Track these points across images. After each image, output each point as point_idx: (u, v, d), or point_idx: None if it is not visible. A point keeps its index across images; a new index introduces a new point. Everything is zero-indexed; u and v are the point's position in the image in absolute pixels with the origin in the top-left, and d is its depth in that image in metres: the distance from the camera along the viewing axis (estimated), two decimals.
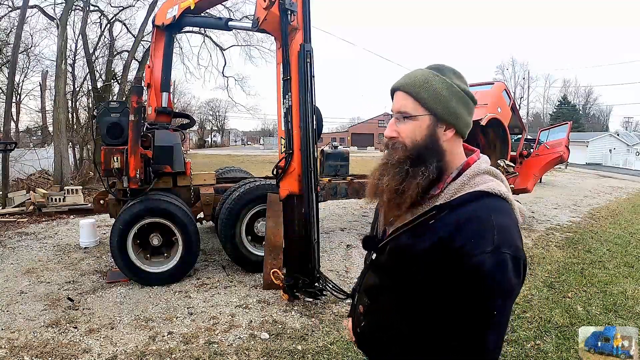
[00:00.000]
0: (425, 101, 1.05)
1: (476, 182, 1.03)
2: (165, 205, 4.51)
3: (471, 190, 1.01)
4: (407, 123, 1.07)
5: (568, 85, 59.27)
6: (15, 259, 5.39)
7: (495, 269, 0.93)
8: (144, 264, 4.49)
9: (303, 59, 3.77)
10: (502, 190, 1.02)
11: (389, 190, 1.05)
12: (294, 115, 3.82)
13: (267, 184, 4.98)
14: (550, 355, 3.14)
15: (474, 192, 1.01)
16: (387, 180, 1.06)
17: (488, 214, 0.97)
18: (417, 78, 1.08)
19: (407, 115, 1.06)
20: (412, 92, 1.06)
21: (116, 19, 15.74)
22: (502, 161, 7.41)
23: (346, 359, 3.08)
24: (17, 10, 12.71)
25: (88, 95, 15.88)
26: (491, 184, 1.03)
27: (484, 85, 8.86)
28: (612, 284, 4.65)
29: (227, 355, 3.09)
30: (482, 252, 0.93)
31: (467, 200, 1.00)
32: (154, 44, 5.48)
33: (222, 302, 4.07)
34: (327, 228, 7.30)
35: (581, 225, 8.10)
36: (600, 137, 37.30)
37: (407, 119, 1.07)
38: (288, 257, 4.08)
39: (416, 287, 1.04)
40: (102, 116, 4.78)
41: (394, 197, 1.04)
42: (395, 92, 1.10)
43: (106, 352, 3.12)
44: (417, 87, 1.06)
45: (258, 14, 3.95)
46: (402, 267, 1.07)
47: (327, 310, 3.86)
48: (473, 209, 0.99)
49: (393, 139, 1.09)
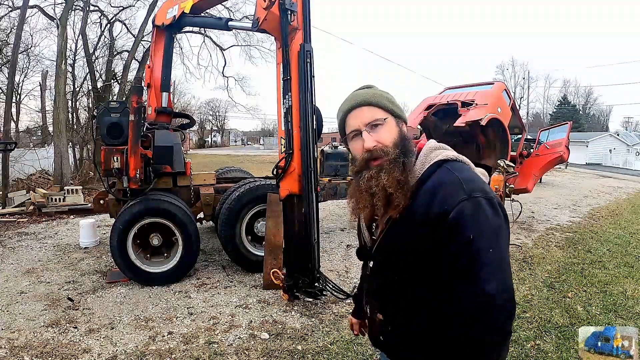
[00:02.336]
0: (386, 107, 1.22)
1: (432, 157, 1.19)
2: (165, 205, 4.51)
3: (431, 163, 1.17)
4: (379, 130, 1.19)
5: (568, 85, 59.41)
6: (15, 259, 5.39)
7: (474, 211, 1.06)
8: (144, 264, 4.49)
9: (303, 59, 3.77)
10: (455, 155, 1.20)
11: (393, 182, 1.13)
12: (294, 115, 3.82)
13: (267, 184, 4.98)
14: (550, 355, 3.14)
15: (434, 163, 1.17)
16: (386, 176, 1.14)
17: (452, 173, 1.13)
18: (369, 94, 1.24)
19: (378, 123, 1.19)
20: (375, 103, 1.21)
21: (116, 19, 15.78)
22: (502, 161, 7.40)
23: (346, 359, 3.08)
24: (17, 10, 12.72)
25: (88, 95, 15.91)
26: (445, 152, 1.20)
27: (484, 85, 8.86)
28: (612, 284, 4.65)
29: (227, 355, 3.09)
30: (458, 202, 1.06)
31: (432, 171, 1.16)
32: (154, 44, 5.48)
33: (222, 302, 4.07)
34: (327, 228, 7.30)
35: (581, 225, 8.10)
36: (600, 137, 37.32)
37: (378, 126, 1.20)
38: (288, 257, 4.08)
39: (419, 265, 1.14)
40: (102, 116, 4.77)
41: (398, 187, 1.13)
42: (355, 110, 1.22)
43: (106, 352, 3.12)
44: (376, 99, 1.22)
45: (258, 14, 3.95)
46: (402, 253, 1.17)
47: (327, 310, 3.86)
48: (438, 176, 1.14)
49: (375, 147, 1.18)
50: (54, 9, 13.68)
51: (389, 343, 1.29)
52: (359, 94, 1.25)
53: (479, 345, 1.07)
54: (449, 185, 1.10)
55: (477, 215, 1.06)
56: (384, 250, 1.23)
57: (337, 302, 4.03)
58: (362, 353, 3.12)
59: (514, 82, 52.38)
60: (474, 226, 1.05)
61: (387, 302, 1.26)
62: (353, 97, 1.26)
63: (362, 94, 1.25)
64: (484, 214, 1.07)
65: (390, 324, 1.25)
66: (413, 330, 1.20)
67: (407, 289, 1.19)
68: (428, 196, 1.11)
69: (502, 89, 8.63)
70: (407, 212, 1.14)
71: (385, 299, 1.27)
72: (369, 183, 1.17)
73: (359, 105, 1.22)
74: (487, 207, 1.08)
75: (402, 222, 1.15)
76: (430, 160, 1.18)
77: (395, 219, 1.16)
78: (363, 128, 1.19)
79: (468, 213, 1.06)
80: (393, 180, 1.13)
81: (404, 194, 1.13)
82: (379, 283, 1.28)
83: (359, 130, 1.21)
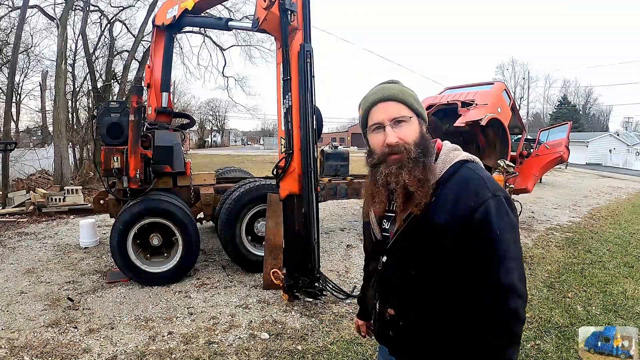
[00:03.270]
0: (413, 106, 1.23)
1: (452, 157, 1.23)
2: (165, 205, 4.51)
3: (453, 163, 1.21)
4: (403, 127, 1.21)
5: (568, 85, 59.35)
6: (15, 259, 5.39)
7: (498, 209, 1.14)
8: (144, 264, 4.49)
9: (303, 59, 3.77)
10: (472, 156, 1.26)
11: (414, 181, 1.16)
12: (294, 115, 3.82)
13: (267, 184, 4.98)
14: (550, 355, 3.14)
15: (456, 163, 1.21)
16: (407, 174, 1.16)
17: (475, 173, 1.19)
18: (397, 90, 1.24)
19: (403, 120, 1.21)
20: (402, 100, 1.22)
21: (116, 19, 15.75)
22: (502, 161, 7.40)
23: (346, 359, 3.08)
24: (17, 10, 12.71)
25: (88, 95, 15.88)
26: (463, 154, 1.25)
27: (484, 85, 8.86)
28: (612, 284, 4.65)
29: (227, 355, 3.09)
30: (485, 200, 1.13)
31: (454, 171, 1.20)
32: (154, 44, 5.47)
33: (222, 302, 4.07)
34: (327, 228, 7.30)
35: (581, 225, 8.10)
36: (600, 137, 37.31)
37: (402, 123, 1.21)
38: (288, 257, 4.07)
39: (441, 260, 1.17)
40: (102, 116, 4.77)
41: (419, 186, 1.16)
42: (382, 103, 1.23)
43: (106, 352, 3.12)
44: (404, 96, 1.23)
45: (258, 14, 3.95)
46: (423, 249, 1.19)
47: (327, 310, 3.86)
48: (462, 175, 1.19)
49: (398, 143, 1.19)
50: (54, 9, 13.68)
51: (399, 339, 1.29)
52: (388, 87, 1.25)
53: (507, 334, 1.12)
54: (474, 183, 1.16)
55: (501, 212, 1.14)
56: (403, 246, 1.24)
57: (337, 302, 4.03)
58: (362, 353, 3.12)
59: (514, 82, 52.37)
60: (500, 222, 1.13)
61: (402, 298, 1.27)
62: (381, 89, 1.25)
63: (391, 88, 1.25)
64: (506, 211, 1.15)
65: (403, 320, 1.26)
66: (426, 327, 1.22)
67: (423, 285, 1.21)
68: (454, 193, 1.16)
69: (502, 89, 8.63)
70: (428, 209, 1.16)
71: (401, 294, 1.27)
72: (387, 179, 1.20)
73: (386, 100, 1.22)
74: (507, 206, 1.16)
75: (424, 218, 1.17)
76: (451, 160, 1.22)
77: (413, 217, 1.18)
78: (387, 123, 1.20)
79: (494, 210, 1.13)
80: (414, 179, 1.16)
81: (425, 192, 1.15)
82: (394, 278, 1.28)
83: (382, 124, 1.21)
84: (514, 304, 1.11)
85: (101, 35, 15.66)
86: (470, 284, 1.15)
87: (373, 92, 1.26)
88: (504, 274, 1.11)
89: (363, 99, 1.29)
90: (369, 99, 1.25)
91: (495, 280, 1.11)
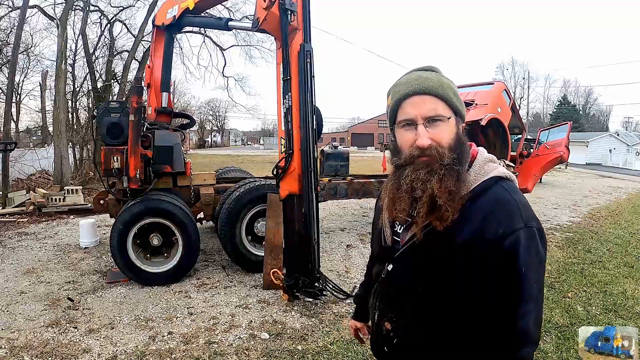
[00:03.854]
0: (452, 102, 1.06)
1: (487, 170, 1.08)
2: (165, 205, 4.51)
3: (487, 177, 1.06)
4: (439, 127, 1.04)
5: (568, 85, 59.42)
6: (15, 259, 5.39)
7: (529, 242, 0.99)
8: (144, 264, 4.49)
9: (303, 59, 3.77)
10: (508, 173, 1.09)
11: (444, 192, 1.00)
12: (294, 115, 3.82)
13: (267, 184, 4.98)
14: (550, 355, 3.14)
15: (491, 179, 1.06)
16: (438, 183, 1.01)
17: (509, 195, 1.03)
18: (436, 82, 1.06)
19: (440, 119, 1.04)
20: (440, 95, 1.05)
21: (116, 19, 15.74)
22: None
23: (346, 359, 3.08)
24: (17, 10, 12.71)
25: (88, 95, 15.87)
26: (500, 169, 1.09)
27: (484, 85, 8.87)
28: (612, 284, 4.64)
29: (227, 355, 3.09)
30: (515, 229, 0.99)
31: (487, 187, 1.04)
32: (154, 44, 5.48)
33: (222, 302, 4.07)
34: (327, 228, 7.30)
35: (581, 225, 8.09)
36: (600, 137, 37.31)
37: (438, 122, 1.04)
38: (288, 257, 4.08)
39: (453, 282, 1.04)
40: (102, 116, 4.77)
41: (449, 199, 1.01)
42: (416, 96, 1.05)
43: (106, 352, 3.12)
44: (444, 91, 1.05)
45: (258, 14, 3.95)
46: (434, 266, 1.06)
47: (327, 310, 3.86)
48: (495, 194, 1.03)
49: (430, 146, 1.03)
50: (54, 9, 13.67)
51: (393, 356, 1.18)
52: (426, 77, 1.06)
53: None
54: (507, 208, 1.01)
55: (530, 246, 1.00)
56: (414, 258, 1.11)
57: (337, 302, 4.02)
58: (362, 353, 3.12)
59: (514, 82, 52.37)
60: (527, 257, 0.99)
61: (401, 313, 1.15)
62: (417, 79, 1.07)
63: (429, 78, 1.06)
64: (536, 245, 1.01)
65: (398, 337, 1.15)
66: (425, 348, 1.10)
67: (427, 305, 1.08)
68: (483, 214, 1.01)
69: (502, 89, 8.65)
70: (451, 225, 1.02)
71: (400, 309, 1.15)
72: (413, 184, 1.04)
73: (423, 93, 1.05)
74: (538, 239, 1.02)
75: (444, 234, 1.02)
76: (486, 173, 1.06)
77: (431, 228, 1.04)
78: (421, 121, 1.04)
79: (524, 242, 0.99)
80: (445, 190, 1.00)
81: (455, 207, 1.01)
82: (397, 290, 1.16)
83: (414, 122, 1.04)
84: (524, 352, 1.00)
85: (101, 35, 15.66)
86: (479, 317, 1.01)
87: (406, 82, 1.08)
88: (520, 316, 0.98)
89: (393, 87, 1.11)
90: (402, 90, 1.07)
91: (509, 321, 0.99)
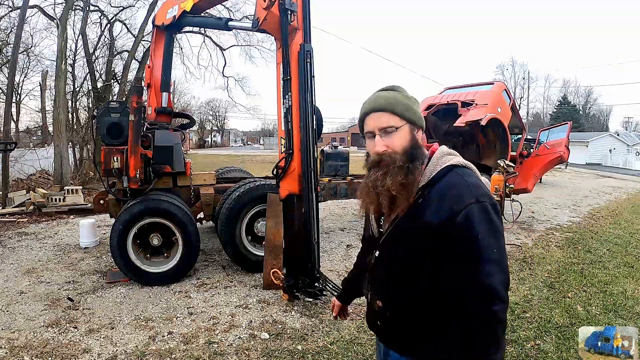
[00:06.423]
0: (402, 114, 1.28)
1: (444, 161, 1.27)
2: (165, 205, 4.51)
3: (442, 167, 1.26)
4: (393, 135, 1.27)
5: (568, 85, 59.35)
6: (15, 259, 5.39)
7: (482, 214, 1.16)
8: (144, 264, 4.49)
9: (303, 59, 3.77)
10: (464, 162, 1.28)
11: (396, 185, 1.21)
12: (294, 115, 3.82)
13: (267, 184, 4.98)
14: (550, 355, 3.14)
15: (445, 167, 1.25)
16: (391, 180, 1.22)
17: (461, 178, 1.22)
18: (388, 99, 1.29)
19: (391, 129, 1.27)
20: (390, 110, 1.27)
21: (116, 19, 15.75)
22: (502, 161, 7.40)
23: (346, 359, 3.08)
24: (17, 10, 12.70)
25: (88, 95, 15.88)
26: (456, 158, 1.28)
27: (484, 85, 8.88)
28: (612, 284, 4.65)
29: (227, 355, 3.09)
30: (467, 204, 1.16)
31: (442, 175, 1.24)
32: (154, 44, 5.47)
33: (222, 302, 4.07)
34: (327, 228, 7.30)
35: (581, 225, 8.09)
36: (600, 137, 37.30)
37: (391, 132, 1.27)
38: (288, 257, 4.07)
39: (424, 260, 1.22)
40: (102, 116, 4.77)
41: (401, 190, 1.22)
42: (372, 114, 1.30)
43: (106, 352, 3.12)
44: (393, 107, 1.28)
45: (258, 14, 3.95)
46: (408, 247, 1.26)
47: (327, 310, 3.86)
48: (448, 179, 1.23)
49: (384, 152, 1.26)
50: (54, 9, 13.67)
51: (385, 329, 1.38)
52: (381, 97, 1.31)
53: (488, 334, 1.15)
54: (458, 188, 1.20)
55: (483, 217, 1.17)
56: (390, 244, 1.32)
57: None
58: (362, 353, 3.12)
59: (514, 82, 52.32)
60: (481, 227, 1.16)
61: (388, 292, 1.34)
62: (375, 100, 1.32)
63: (384, 98, 1.30)
64: (490, 217, 1.18)
65: (389, 311, 1.34)
66: (410, 321, 1.28)
67: (406, 282, 1.28)
68: (438, 197, 1.20)
69: (502, 89, 8.65)
70: (414, 211, 1.23)
71: (387, 287, 1.35)
72: (375, 183, 1.26)
73: (378, 110, 1.29)
74: (492, 212, 1.19)
75: (409, 219, 1.24)
76: (442, 164, 1.26)
77: (402, 216, 1.25)
78: (377, 132, 1.28)
79: (476, 215, 1.16)
80: (396, 183, 1.21)
81: (407, 195, 1.22)
82: (383, 272, 1.36)
83: (373, 133, 1.29)
84: (495, 308, 1.14)
85: (101, 35, 15.67)
86: (452, 285, 1.18)
87: (368, 101, 1.33)
88: (484, 275, 1.14)
89: (362, 105, 1.36)
90: (364, 108, 1.33)
91: (476, 281, 1.15)
